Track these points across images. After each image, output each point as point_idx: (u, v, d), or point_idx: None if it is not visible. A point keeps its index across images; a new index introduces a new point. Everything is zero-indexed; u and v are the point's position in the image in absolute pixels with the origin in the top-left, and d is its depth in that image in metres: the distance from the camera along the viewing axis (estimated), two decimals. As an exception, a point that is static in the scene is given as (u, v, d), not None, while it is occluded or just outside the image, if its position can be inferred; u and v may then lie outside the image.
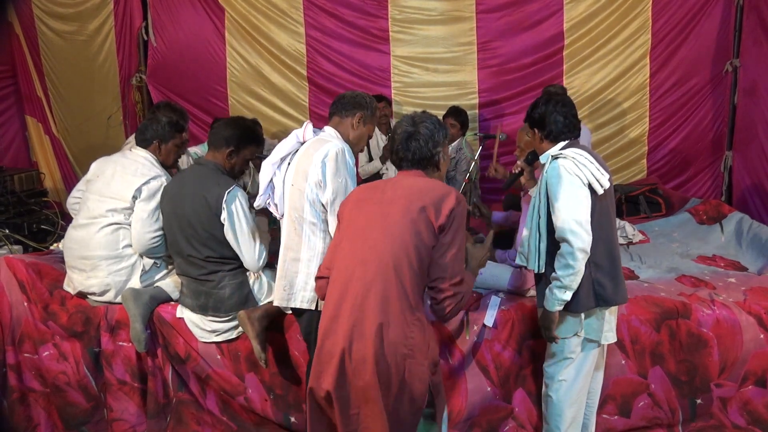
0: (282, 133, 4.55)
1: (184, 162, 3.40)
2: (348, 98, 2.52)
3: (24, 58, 5.32)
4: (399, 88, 5.03)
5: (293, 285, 2.40)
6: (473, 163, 3.69)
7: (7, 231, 3.96)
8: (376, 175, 4.82)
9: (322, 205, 2.35)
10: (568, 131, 2.36)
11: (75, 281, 2.89)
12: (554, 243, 2.25)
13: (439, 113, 4.66)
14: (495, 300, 2.72)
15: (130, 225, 2.83)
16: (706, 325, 2.68)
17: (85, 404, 2.98)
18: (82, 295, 2.91)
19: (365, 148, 4.84)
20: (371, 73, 5.01)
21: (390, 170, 4.81)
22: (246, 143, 2.74)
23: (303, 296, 2.39)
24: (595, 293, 2.28)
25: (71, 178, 5.42)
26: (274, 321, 2.74)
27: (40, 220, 4.31)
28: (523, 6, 4.76)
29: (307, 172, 2.34)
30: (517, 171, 2.77)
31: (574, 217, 2.17)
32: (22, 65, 5.36)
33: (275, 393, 2.82)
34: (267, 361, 2.66)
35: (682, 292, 2.87)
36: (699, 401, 2.72)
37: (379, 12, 4.90)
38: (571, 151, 2.27)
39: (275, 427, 2.87)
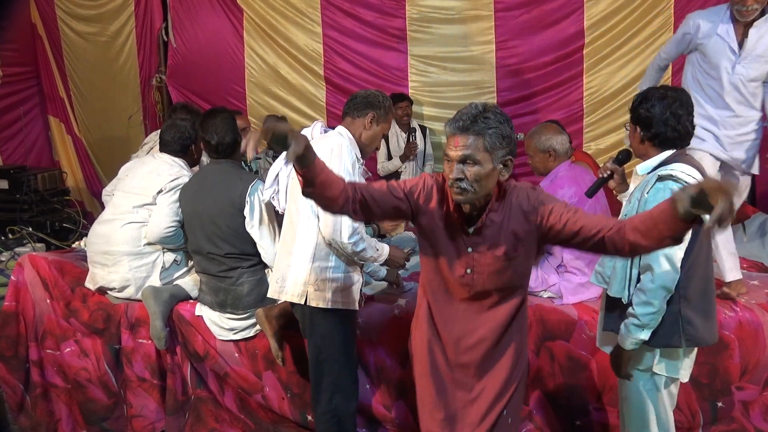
0: (299, 133, 4.57)
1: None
2: (360, 98, 2.45)
3: (47, 60, 5.42)
4: (416, 88, 5.02)
5: (285, 278, 2.37)
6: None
7: (30, 229, 4.03)
8: (395, 174, 4.83)
9: None
10: (680, 139, 2.00)
11: (96, 276, 2.94)
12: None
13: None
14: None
15: None
16: (728, 327, 2.63)
17: (106, 400, 3.03)
18: (102, 291, 2.96)
19: (385, 146, 4.84)
20: (388, 73, 5.01)
21: (408, 169, 4.81)
22: (239, 135, 2.78)
23: (294, 290, 2.34)
24: (683, 330, 1.98)
25: (92, 177, 5.51)
26: (291, 319, 2.76)
27: (62, 219, 4.38)
28: (542, 4, 4.71)
29: None
30: (605, 174, 2.21)
31: (664, 252, 1.88)
32: (45, 66, 5.47)
33: (292, 391, 2.83)
34: (284, 360, 2.68)
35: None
36: (720, 404, 2.68)
37: (397, 11, 4.89)
38: (681, 172, 1.92)
39: (292, 426, 2.89)
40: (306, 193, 1.67)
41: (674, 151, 2.02)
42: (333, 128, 2.51)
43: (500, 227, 1.77)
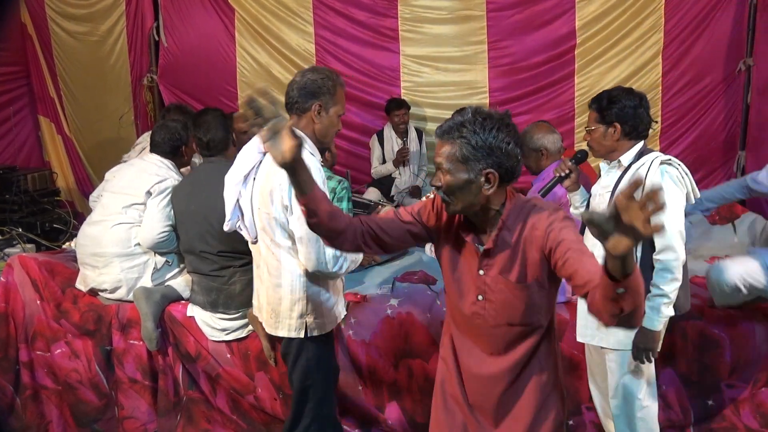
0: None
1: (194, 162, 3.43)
2: (296, 91, 2.09)
3: (37, 59, 5.37)
4: (409, 88, 5.02)
5: (278, 313, 2.20)
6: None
7: (20, 230, 3.99)
8: (388, 178, 4.82)
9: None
10: (648, 129, 2.23)
11: (88, 278, 2.92)
12: (647, 255, 2.14)
13: (448, 113, 4.64)
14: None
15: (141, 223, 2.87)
16: (718, 325, 2.65)
17: (97, 402, 3.01)
18: (93, 293, 2.94)
19: (380, 149, 4.83)
20: (381, 73, 5.01)
21: (404, 175, 4.80)
22: (230, 132, 2.77)
23: (289, 324, 2.19)
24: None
25: (83, 177, 5.47)
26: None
27: (52, 219, 4.35)
28: (534, 4, 4.73)
29: (272, 194, 2.08)
30: (563, 174, 2.36)
31: (679, 229, 2.09)
32: (35, 66, 5.42)
33: (284, 392, 2.82)
34: (276, 360, 2.67)
35: (695, 293, 2.85)
36: (710, 402, 2.70)
37: (389, 11, 4.89)
38: (674, 159, 2.17)
39: (285, 426, 2.88)
40: (311, 225, 1.60)
41: (644, 141, 2.23)
42: None
43: (514, 249, 1.59)
